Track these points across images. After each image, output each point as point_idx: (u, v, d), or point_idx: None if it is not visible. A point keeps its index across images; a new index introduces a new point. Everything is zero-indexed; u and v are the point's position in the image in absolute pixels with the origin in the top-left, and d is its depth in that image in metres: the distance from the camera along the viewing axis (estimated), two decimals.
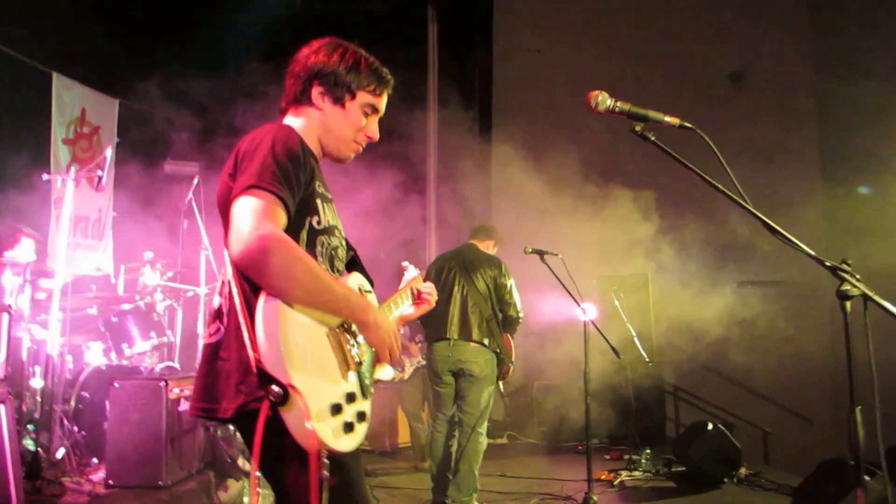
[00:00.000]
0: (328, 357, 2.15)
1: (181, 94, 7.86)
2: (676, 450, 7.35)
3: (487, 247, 6.29)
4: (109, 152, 6.13)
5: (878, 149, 7.59)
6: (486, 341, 5.80)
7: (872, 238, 7.04)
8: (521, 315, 6.04)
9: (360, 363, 2.27)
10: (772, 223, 2.34)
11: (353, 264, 2.65)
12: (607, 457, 8.03)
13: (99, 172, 6.03)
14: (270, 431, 1.97)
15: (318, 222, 2.29)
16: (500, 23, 10.72)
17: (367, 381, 2.30)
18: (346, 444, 2.10)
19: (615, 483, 6.91)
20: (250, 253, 1.98)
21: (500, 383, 6.12)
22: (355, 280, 2.51)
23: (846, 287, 2.22)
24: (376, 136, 2.51)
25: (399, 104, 8.27)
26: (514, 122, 9.50)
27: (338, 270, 2.42)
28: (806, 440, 7.98)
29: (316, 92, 2.40)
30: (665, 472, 7.24)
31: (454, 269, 6.03)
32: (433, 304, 2.97)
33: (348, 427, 2.11)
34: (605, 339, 6.27)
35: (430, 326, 6.07)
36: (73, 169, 5.92)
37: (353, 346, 2.26)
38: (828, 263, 2.27)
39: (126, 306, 6.52)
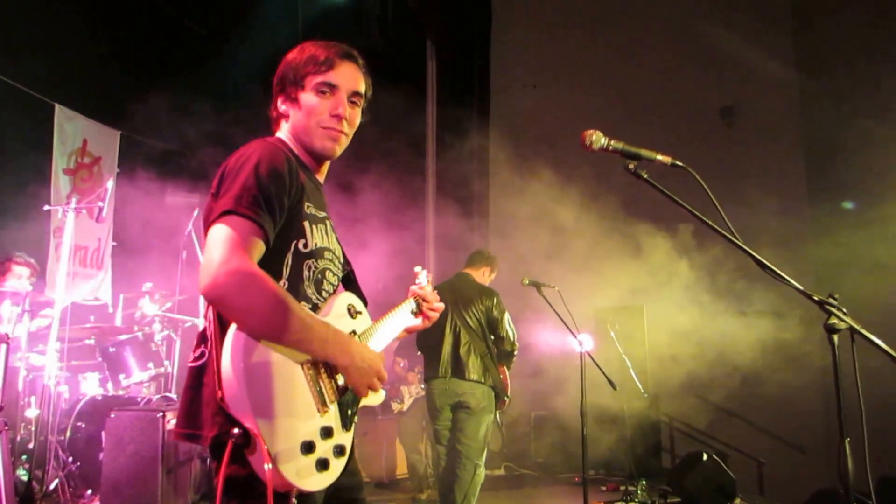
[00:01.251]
0: (301, 392, 2.05)
1: (182, 126, 7.94)
2: (672, 480, 7.34)
3: (483, 273, 6.18)
4: (110, 184, 6.20)
5: (866, 181, 7.68)
6: (482, 379, 5.74)
7: (860, 269, 7.10)
8: (515, 348, 6.00)
9: (342, 394, 2.18)
10: (761, 259, 2.37)
11: (348, 281, 2.57)
12: (604, 488, 8.01)
13: (100, 204, 6.08)
14: (238, 469, 1.93)
15: (305, 245, 2.22)
16: (497, 58, 10.93)
17: (349, 412, 2.21)
18: (317, 482, 2.01)
19: None
20: (217, 287, 1.92)
21: (498, 413, 6.06)
22: (344, 300, 2.41)
23: (833, 321, 2.25)
24: (342, 111, 2.33)
25: (398, 137, 8.36)
26: (511, 155, 9.57)
27: (326, 292, 2.34)
28: (800, 470, 7.97)
29: (279, 102, 2.39)
30: (661, 503, 7.21)
31: (446, 305, 5.90)
32: (439, 312, 2.90)
33: (321, 465, 2.02)
34: (602, 371, 6.21)
35: (426, 364, 6.04)
36: (73, 200, 5.98)
37: (333, 378, 2.16)
38: (816, 298, 2.30)
39: (124, 336, 6.54)
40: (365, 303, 2.54)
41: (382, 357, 2.34)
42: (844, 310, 2.28)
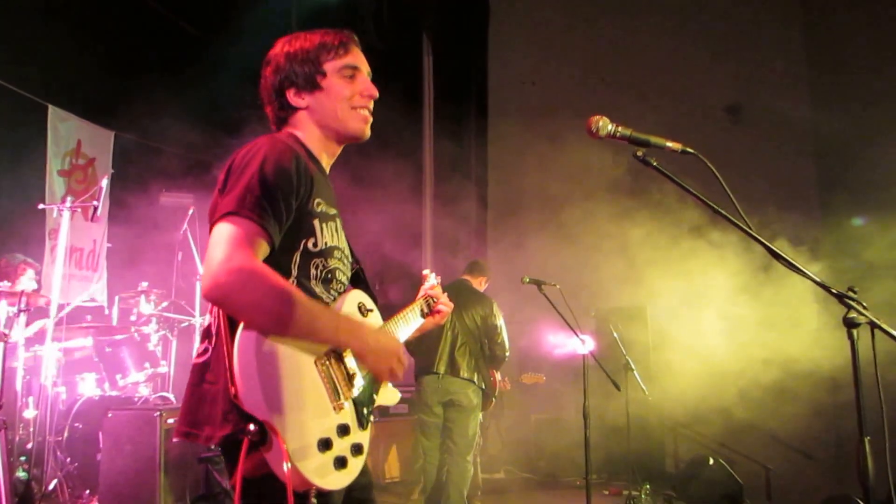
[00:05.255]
0: (316, 388, 2.02)
1: (176, 126, 7.84)
2: (677, 485, 7.25)
3: (480, 283, 6.54)
4: (105, 183, 6.13)
5: (877, 179, 7.61)
6: (474, 378, 6.04)
7: (871, 269, 7.03)
8: (507, 353, 6.33)
9: (356, 391, 2.15)
10: (775, 249, 2.31)
11: (357, 279, 2.54)
12: (606, 492, 7.92)
13: (94, 203, 6.04)
14: (254, 468, 1.88)
15: (315, 244, 2.18)
16: (494, 54, 10.75)
17: (365, 411, 2.19)
18: (336, 481, 1.99)
19: None
20: (219, 287, 1.88)
21: (480, 414, 6.28)
22: (354, 298, 2.38)
23: (853, 315, 2.19)
24: (373, 90, 2.37)
25: (394, 136, 8.27)
26: (510, 153, 9.50)
27: (336, 291, 2.30)
28: (808, 477, 7.86)
29: (291, 96, 2.32)
30: None
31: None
32: (448, 312, 2.93)
33: (340, 462, 2.00)
34: (605, 372, 6.23)
35: (420, 360, 6.21)
36: (68, 199, 5.89)
37: (346, 374, 2.13)
38: (834, 291, 2.24)
39: (120, 336, 6.49)
40: (375, 301, 2.50)
41: (401, 343, 2.31)
42: (864, 304, 2.22)
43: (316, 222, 2.18)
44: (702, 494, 6.77)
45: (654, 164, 2.44)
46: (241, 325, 1.91)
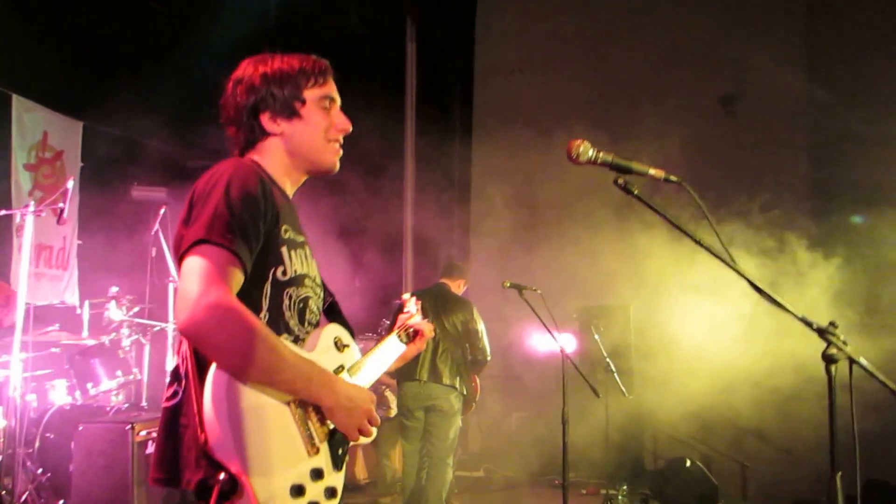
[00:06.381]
0: (289, 433, 1.96)
1: (148, 116, 7.59)
2: (654, 486, 7.29)
3: (458, 286, 6.51)
4: (71, 184, 5.88)
5: (871, 177, 7.56)
6: (455, 384, 6.07)
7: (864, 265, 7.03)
8: (488, 358, 6.32)
9: (330, 434, 2.08)
10: (759, 285, 2.27)
11: (332, 311, 2.46)
12: (584, 492, 7.94)
13: (61, 205, 5.78)
14: None
15: (284, 273, 2.09)
16: (480, 41, 10.42)
17: (340, 451, 2.11)
18: None
19: None
20: (195, 324, 1.81)
21: (460, 418, 6.30)
22: (331, 332, 2.29)
23: (833, 350, 2.17)
24: (348, 125, 2.32)
25: (375, 125, 8.08)
26: (495, 143, 9.31)
27: (309, 323, 2.22)
28: (785, 473, 7.90)
29: (265, 119, 2.21)
30: None
31: (426, 310, 6.09)
32: (430, 336, 2.92)
33: None
34: (585, 379, 6.17)
35: (402, 366, 6.04)
36: (32, 203, 5.66)
37: (321, 416, 2.06)
38: (815, 326, 2.22)
39: (90, 342, 6.33)
40: (352, 333, 2.41)
41: (373, 397, 2.21)
42: (844, 339, 2.19)
43: (284, 249, 2.11)
44: (678, 495, 6.84)
45: (636, 192, 2.34)
46: (212, 369, 1.84)
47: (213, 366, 1.84)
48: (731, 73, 8.97)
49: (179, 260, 1.95)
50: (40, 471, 5.75)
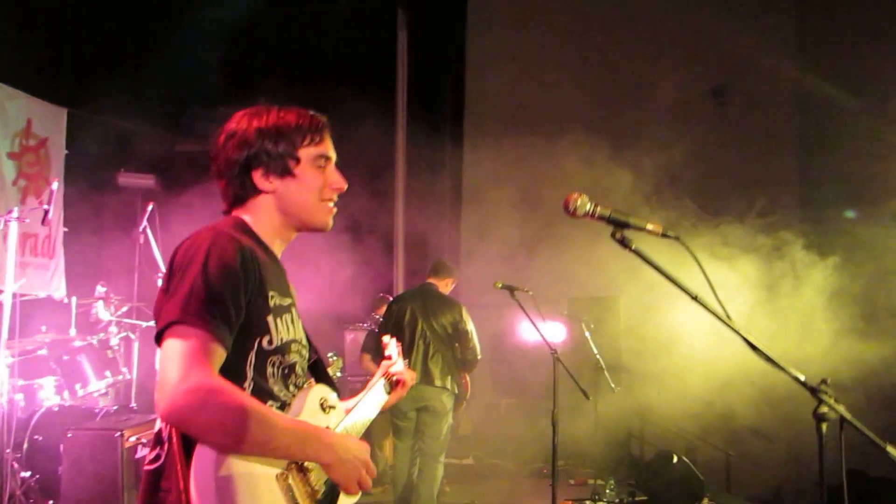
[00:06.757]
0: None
1: (135, 101, 7.44)
2: (640, 479, 7.41)
3: (447, 285, 6.47)
4: (56, 186, 5.80)
5: (861, 171, 7.52)
6: (447, 385, 6.11)
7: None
8: (479, 357, 6.31)
9: (319, 498, 2.06)
10: (751, 340, 2.28)
11: (316, 368, 2.40)
12: (572, 481, 8.02)
13: (45, 207, 5.71)
14: None
15: (270, 342, 2.04)
16: (473, 30, 10.19)
17: None
18: None
19: None
20: (176, 410, 1.77)
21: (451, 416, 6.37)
22: (316, 394, 2.24)
23: (824, 409, 2.15)
24: (343, 184, 2.26)
25: (365, 116, 7.94)
26: (487, 133, 9.19)
27: (295, 386, 2.17)
28: (766, 459, 8.01)
29: (258, 176, 2.13)
30: (629, 500, 7.24)
31: (415, 313, 6.24)
32: (410, 384, 2.91)
33: None
34: (574, 381, 6.18)
35: None
36: (16, 210, 5.55)
37: (309, 487, 2.03)
38: (807, 384, 2.19)
39: (78, 342, 6.26)
40: (335, 389, 2.36)
41: (367, 447, 2.18)
42: (836, 397, 2.17)
43: (270, 318, 2.05)
44: (664, 489, 6.91)
45: (633, 248, 2.35)
46: (199, 447, 1.80)
47: (199, 444, 1.81)
48: (721, 63, 8.88)
49: (158, 338, 1.89)
50: (29, 474, 5.69)
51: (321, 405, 2.24)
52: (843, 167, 7.80)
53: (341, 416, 2.34)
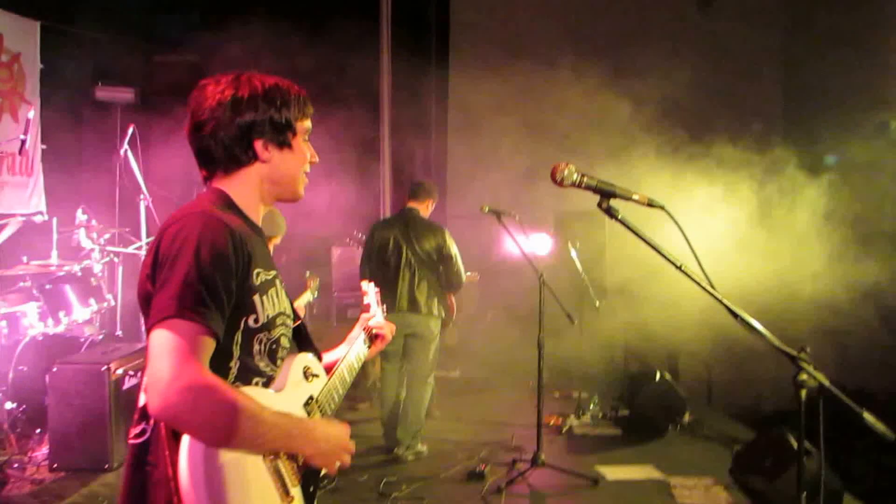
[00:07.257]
0: (265, 487, 1.98)
1: (109, 11, 7.13)
2: (623, 395, 7.57)
3: (427, 206, 6.46)
4: (31, 114, 5.65)
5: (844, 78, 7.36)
6: (434, 310, 6.24)
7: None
8: (464, 281, 6.45)
9: (303, 477, 2.13)
10: (734, 308, 2.34)
11: (298, 334, 2.40)
12: (556, 394, 8.17)
13: (21, 136, 5.58)
14: None
15: (256, 320, 2.05)
16: None
17: (311, 489, 2.18)
18: None
19: (563, 431, 7.11)
20: (169, 408, 1.77)
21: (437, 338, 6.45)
22: (300, 363, 2.28)
23: (803, 377, 2.21)
24: (316, 157, 2.29)
25: (351, 43, 7.65)
26: (473, 59, 8.91)
27: (280, 359, 2.20)
28: (745, 375, 8.15)
29: (260, 146, 2.10)
30: (612, 415, 7.42)
31: (398, 240, 6.28)
32: (390, 338, 2.89)
33: None
34: (560, 305, 6.34)
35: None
36: None
37: (295, 464, 2.10)
38: (788, 352, 2.23)
39: (61, 272, 6.19)
40: (318, 355, 2.43)
41: (348, 429, 2.24)
42: (814, 365, 2.21)
43: (256, 297, 2.05)
44: (646, 406, 7.08)
45: (619, 217, 2.42)
46: (186, 437, 1.84)
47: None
48: None
49: (147, 329, 1.87)
50: (15, 405, 5.73)
51: (304, 373, 2.28)
52: (828, 81, 7.64)
53: (324, 381, 2.38)
